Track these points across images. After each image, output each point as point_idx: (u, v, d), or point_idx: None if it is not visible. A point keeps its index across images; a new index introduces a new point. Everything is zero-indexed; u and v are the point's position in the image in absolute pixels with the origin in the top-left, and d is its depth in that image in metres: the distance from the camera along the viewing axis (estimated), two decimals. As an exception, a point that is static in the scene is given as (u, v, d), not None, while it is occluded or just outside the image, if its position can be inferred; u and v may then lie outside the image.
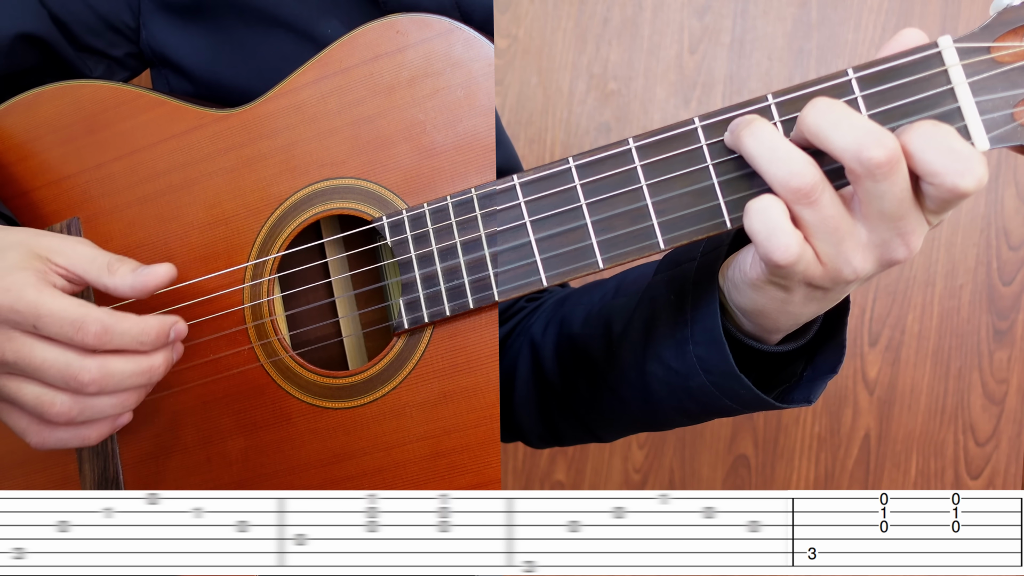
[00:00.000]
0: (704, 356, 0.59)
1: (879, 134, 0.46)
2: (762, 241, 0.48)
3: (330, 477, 0.64)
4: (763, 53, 1.34)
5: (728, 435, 1.37)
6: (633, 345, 0.65)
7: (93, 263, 0.58)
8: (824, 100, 0.47)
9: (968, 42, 0.48)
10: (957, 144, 0.45)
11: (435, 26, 0.61)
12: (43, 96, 0.69)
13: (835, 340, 0.59)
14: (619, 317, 0.67)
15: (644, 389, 0.65)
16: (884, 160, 0.45)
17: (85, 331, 0.55)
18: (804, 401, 0.59)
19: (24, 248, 0.57)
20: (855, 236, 0.49)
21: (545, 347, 0.74)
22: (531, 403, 0.76)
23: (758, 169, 0.49)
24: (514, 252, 0.56)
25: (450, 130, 0.61)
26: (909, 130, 0.46)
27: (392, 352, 0.62)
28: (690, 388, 0.61)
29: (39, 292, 0.55)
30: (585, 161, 0.54)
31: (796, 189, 0.47)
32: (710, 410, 0.64)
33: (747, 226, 0.49)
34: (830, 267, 0.49)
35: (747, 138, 0.49)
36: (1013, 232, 1.31)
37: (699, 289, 0.59)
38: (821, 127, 0.47)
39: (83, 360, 0.56)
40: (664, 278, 0.63)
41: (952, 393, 1.33)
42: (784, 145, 0.48)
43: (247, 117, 0.65)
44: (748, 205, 0.49)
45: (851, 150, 0.46)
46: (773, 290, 0.53)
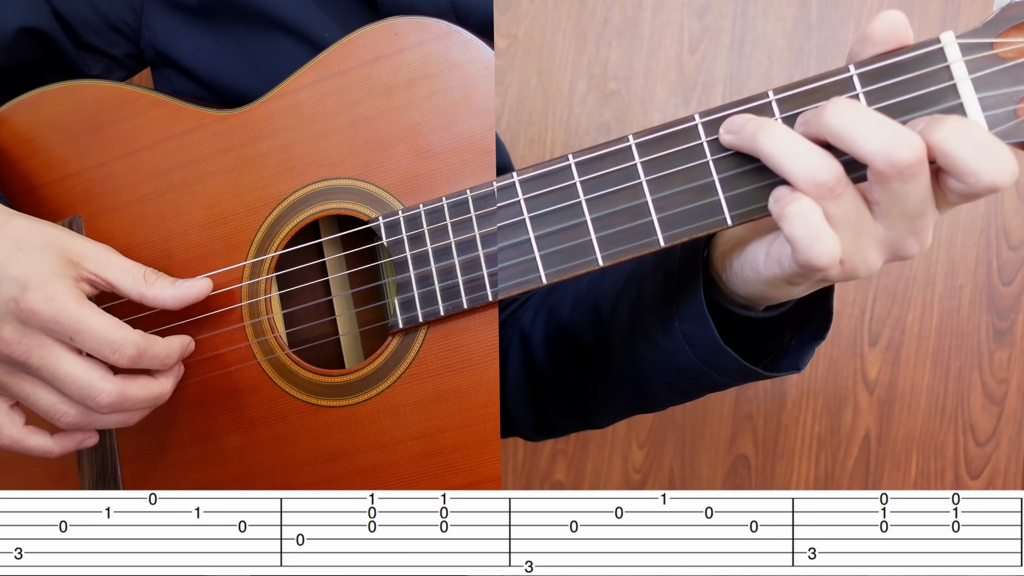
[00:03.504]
0: (690, 332, 0.59)
1: (906, 135, 0.45)
2: (805, 247, 0.47)
3: (325, 474, 0.64)
4: (763, 53, 1.34)
5: (728, 435, 1.36)
6: (622, 326, 0.65)
7: (128, 274, 0.60)
8: (844, 102, 0.47)
9: (971, 38, 0.48)
10: (989, 140, 0.45)
11: (433, 29, 0.61)
12: (47, 95, 0.69)
13: (822, 307, 0.59)
14: (607, 299, 0.67)
15: (634, 370, 0.66)
16: (914, 161, 0.45)
17: (121, 353, 0.56)
18: (793, 368, 0.59)
19: (56, 250, 0.58)
20: (873, 231, 0.48)
21: (535, 336, 0.75)
22: (523, 394, 0.77)
23: (779, 167, 0.48)
24: (513, 249, 0.56)
25: (447, 132, 0.61)
26: (937, 127, 0.46)
27: (387, 351, 0.62)
28: (678, 364, 0.61)
29: (80, 306, 0.56)
30: (585, 158, 0.54)
31: (822, 183, 0.47)
32: (701, 386, 0.64)
33: (788, 232, 0.48)
34: (848, 263, 0.49)
35: (764, 137, 0.49)
36: (1013, 232, 1.31)
37: (684, 267, 0.59)
38: (847, 129, 0.46)
39: (103, 382, 0.57)
40: (651, 258, 0.63)
41: (952, 393, 1.33)
42: (803, 142, 0.48)
43: (247, 117, 0.65)
44: (785, 209, 0.48)
45: (881, 152, 0.45)
46: (786, 286, 0.53)
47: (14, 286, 0.56)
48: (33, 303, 0.55)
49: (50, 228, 0.60)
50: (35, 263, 0.57)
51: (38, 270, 0.56)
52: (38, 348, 0.56)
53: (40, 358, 0.56)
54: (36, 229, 0.59)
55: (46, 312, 0.55)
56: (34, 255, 0.57)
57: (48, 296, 0.55)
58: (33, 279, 0.56)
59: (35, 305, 0.55)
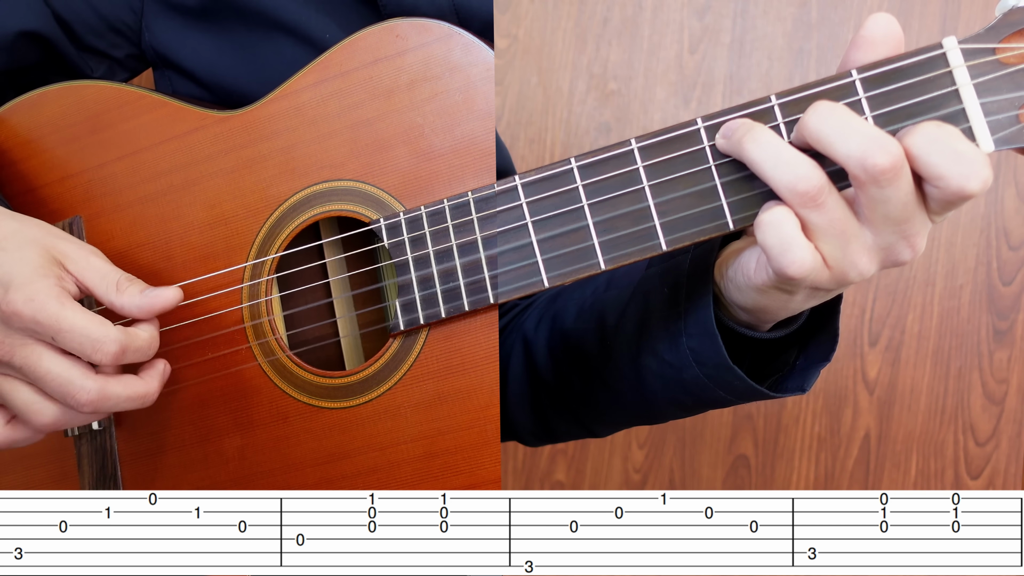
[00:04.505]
0: (697, 348, 0.59)
1: (882, 140, 0.45)
2: (776, 256, 0.48)
3: (325, 476, 0.64)
4: (763, 53, 1.34)
5: (728, 435, 1.37)
6: (627, 338, 0.65)
7: (104, 279, 0.59)
8: (825, 105, 0.47)
9: (973, 43, 0.48)
10: (961, 146, 0.45)
11: (434, 31, 0.61)
12: (48, 96, 0.69)
13: (828, 328, 0.59)
14: (612, 311, 0.67)
15: (638, 382, 0.65)
16: (889, 166, 0.45)
17: (103, 351, 0.56)
18: (798, 390, 0.59)
19: (41, 248, 0.58)
20: (861, 239, 0.48)
21: (538, 343, 0.74)
22: (524, 400, 0.77)
23: (762, 175, 0.49)
24: (515, 253, 0.56)
25: (448, 134, 0.61)
26: (912, 133, 0.46)
27: (388, 353, 0.62)
28: (684, 380, 0.61)
29: (61, 305, 0.56)
30: (587, 162, 0.54)
31: (803, 193, 0.47)
32: (704, 401, 0.64)
33: (760, 240, 0.49)
34: (836, 271, 0.49)
35: (749, 144, 0.49)
36: (1013, 232, 1.31)
37: (693, 282, 0.59)
38: (824, 133, 0.47)
39: (84, 380, 0.56)
40: (658, 271, 0.63)
41: (952, 393, 1.33)
42: (787, 149, 0.48)
43: (248, 119, 0.65)
44: (759, 218, 0.49)
45: (855, 157, 0.45)
46: (777, 294, 0.53)
47: None
48: (14, 304, 0.55)
49: (37, 227, 0.59)
50: (17, 263, 0.56)
51: (20, 270, 0.56)
52: (20, 348, 0.56)
53: (22, 357, 0.56)
54: (22, 229, 0.58)
55: (26, 312, 0.55)
56: (17, 254, 0.57)
57: (29, 296, 0.55)
58: (15, 279, 0.55)
59: (16, 306, 0.55)
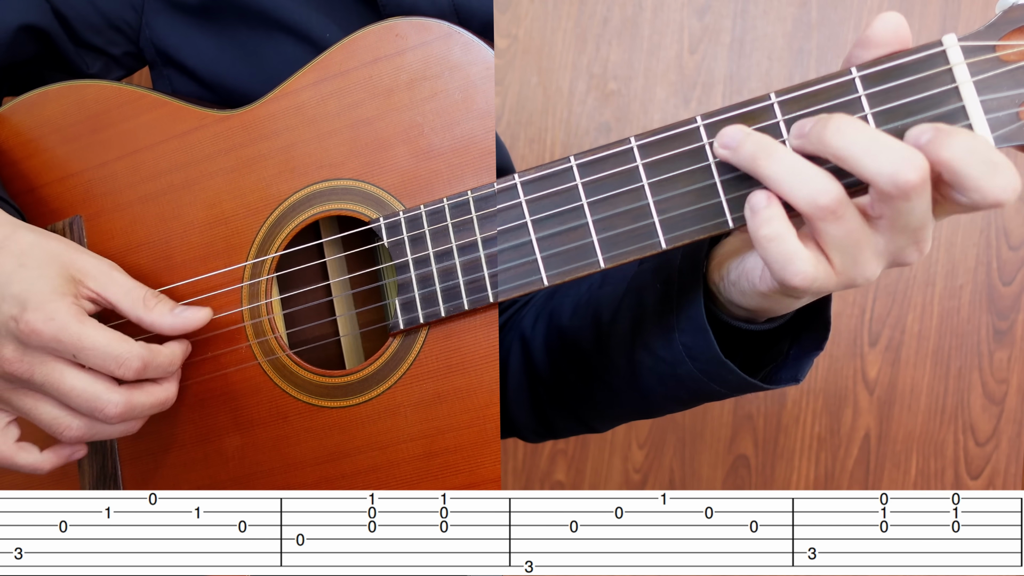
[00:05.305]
0: (690, 344, 0.59)
1: (910, 155, 0.45)
2: (778, 270, 0.48)
3: (325, 475, 0.64)
4: (763, 53, 1.34)
5: (728, 435, 1.37)
6: (622, 335, 0.65)
7: (128, 295, 0.60)
8: (846, 121, 0.47)
9: (973, 40, 0.48)
10: (997, 157, 0.45)
11: (434, 30, 0.61)
12: (48, 95, 0.69)
13: (820, 317, 0.59)
14: (607, 307, 0.67)
15: (634, 378, 0.66)
16: (919, 181, 0.45)
17: (127, 367, 0.57)
18: (792, 380, 0.59)
19: (59, 265, 0.58)
20: (873, 246, 0.48)
21: (535, 341, 0.75)
22: (523, 397, 0.77)
23: (779, 190, 0.48)
24: (515, 251, 0.56)
25: (447, 133, 0.61)
26: (945, 144, 0.45)
27: (388, 352, 0.62)
28: (678, 375, 0.61)
29: (81, 324, 0.56)
30: (587, 160, 0.54)
31: (824, 207, 0.47)
32: (700, 395, 0.64)
33: (761, 254, 0.48)
34: (844, 277, 0.49)
35: (764, 160, 0.48)
36: (1013, 232, 1.31)
37: (684, 277, 0.59)
38: (852, 152, 0.46)
39: (111, 393, 0.57)
40: (651, 267, 0.63)
41: (952, 393, 1.33)
42: (804, 164, 0.48)
43: (248, 118, 0.65)
44: (759, 233, 0.48)
45: (886, 174, 0.45)
46: (782, 298, 0.53)
47: (14, 304, 0.55)
48: (33, 323, 0.55)
49: (55, 242, 0.59)
50: (36, 280, 0.56)
51: (38, 288, 0.56)
52: (40, 366, 0.56)
53: (43, 375, 0.56)
54: (40, 243, 0.59)
55: (47, 332, 0.55)
56: (35, 272, 0.57)
57: (48, 316, 0.55)
58: (32, 298, 0.56)
59: (35, 325, 0.55)
